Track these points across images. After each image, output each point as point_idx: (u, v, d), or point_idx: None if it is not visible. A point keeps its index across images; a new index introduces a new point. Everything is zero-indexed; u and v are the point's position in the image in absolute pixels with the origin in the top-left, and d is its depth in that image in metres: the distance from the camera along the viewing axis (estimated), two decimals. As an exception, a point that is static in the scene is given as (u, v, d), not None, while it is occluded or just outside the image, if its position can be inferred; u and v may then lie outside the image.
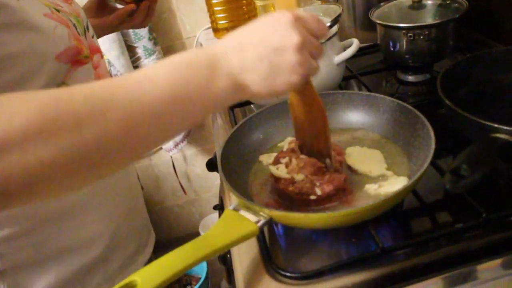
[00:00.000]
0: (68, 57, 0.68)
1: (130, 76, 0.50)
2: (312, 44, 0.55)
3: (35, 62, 0.64)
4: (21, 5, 0.63)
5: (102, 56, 0.83)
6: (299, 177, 0.68)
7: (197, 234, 2.06)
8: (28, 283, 0.74)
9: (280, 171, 0.71)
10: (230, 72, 0.52)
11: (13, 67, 0.62)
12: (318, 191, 0.67)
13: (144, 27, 1.09)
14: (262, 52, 0.52)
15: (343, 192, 0.69)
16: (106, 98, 0.46)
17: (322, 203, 0.67)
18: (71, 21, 0.72)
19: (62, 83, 0.68)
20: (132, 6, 1.01)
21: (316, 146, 0.71)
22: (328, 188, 0.67)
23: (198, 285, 1.82)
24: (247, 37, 0.54)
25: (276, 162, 0.74)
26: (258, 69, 0.52)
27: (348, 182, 0.70)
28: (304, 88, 0.65)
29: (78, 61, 0.71)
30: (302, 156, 0.71)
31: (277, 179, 0.71)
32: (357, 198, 0.68)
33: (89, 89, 0.46)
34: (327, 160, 0.70)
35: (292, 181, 0.69)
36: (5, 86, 0.62)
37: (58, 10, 0.71)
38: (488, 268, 0.58)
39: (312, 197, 0.67)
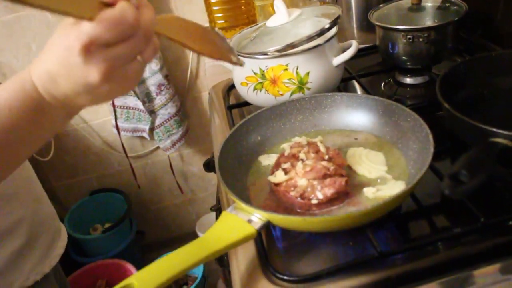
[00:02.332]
0: None
1: None
2: (122, 59, 0.47)
3: None
4: None
5: None
6: (302, 181, 0.68)
7: (194, 233, 2.07)
8: None
9: (278, 177, 0.70)
10: (55, 102, 0.51)
11: None
12: (320, 195, 0.67)
13: None
14: (73, 87, 0.48)
15: (344, 196, 0.68)
16: None
17: (323, 206, 0.67)
18: None
19: None
20: None
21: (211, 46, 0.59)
22: (330, 191, 0.66)
23: (194, 285, 1.82)
24: (55, 68, 0.48)
25: (277, 166, 0.73)
26: (78, 97, 0.49)
27: (349, 185, 0.70)
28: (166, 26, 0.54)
29: None
30: (308, 161, 0.71)
31: (277, 184, 0.71)
32: (356, 202, 0.68)
33: None
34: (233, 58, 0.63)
35: (293, 186, 0.69)
36: None
37: None
38: (485, 273, 0.58)
39: (314, 201, 0.67)
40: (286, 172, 0.71)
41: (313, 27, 0.91)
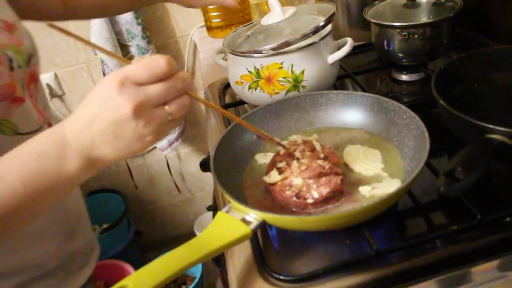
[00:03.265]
0: (2, 96, 0.65)
1: None
2: (152, 97, 0.51)
3: None
4: None
5: (36, 85, 0.78)
6: (297, 180, 0.68)
7: (191, 233, 2.06)
8: None
9: (273, 177, 0.70)
10: (82, 152, 0.53)
11: None
12: (315, 194, 0.66)
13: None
14: (103, 127, 0.51)
15: (340, 194, 0.68)
16: None
17: (319, 205, 0.67)
18: (6, 54, 0.68)
19: (3, 120, 0.66)
20: None
21: None
22: (325, 190, 0.66)
23: (193, 284, 1.82)
24: (89, 113, 0.52)
25: (272, 165, 0.73)
26: (105, 142, 0.52)
27: (345, 184, 0.70)
28: None
29: (16, 100, 0.68)
30: (303, 160, 0.70)
31: (272, 183, 0.70)
32: (352, 200, 0.68)
33: None
34: None
35: (289, 185, 0.68)
36: None
37: None
38: (483, 270, 0.58)
39: (310, 200, 0.66)
40: (281, 171, 0.71)
41: (308, 25, 0.91)
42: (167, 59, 0.51)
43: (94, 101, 0.52)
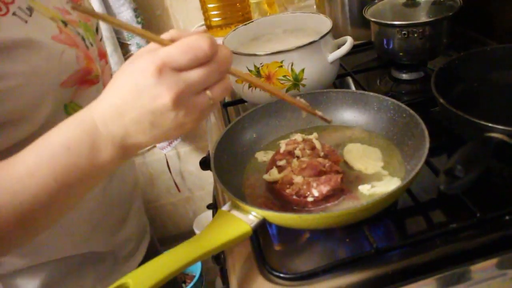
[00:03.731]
0: (74, 81, 0.65)
1: (13, 171, 0.51)
2: (193, 84, 0.47)
3: (39, 92, 0.61)
4: (28, 29, 0.60)
5: (107, 62, 0.79)
6: (298, 179, 0.68)
7: (191, 232, 2.06)
8: (23, 282, 0.75)
9: (272, 175, 0.70)
10: (114, 141, 0.50)
11: (15, 98, 0.59)
12: (315, 192, 0.66)
13: None
14: (139, 116, 0.48)
15: (340, 193, 0.68)
16: None
17: (319, 203, 0.67)
18: (79, 34, 0.67)
19: (71, 102, 0.66)
20: None
21: None
22: (325, 189, 0.66)
23: (192, 283, 1.82)
24: (121, 100, 0.48)
25: (272, 163, 0.73)
26: (141, 132, 0.49)
27: (345, 182, 0.70)
28: None
29: (87, 82, 0.68)
30: (304, 158, 0.70)
31: (272, 181, 0.70)
32: (352, 198, 0.68)
33: None
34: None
35: (289, 183, 0.68)
36: (8, 116, 0.60)
37: (65, 23, 0.66)
38: (482, 269, 0.58)
39: (310, 198, 0.66)
40: (281, 169, 0.71)
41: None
42: (210, 41, 0.47)
43: (128, 88, 0.48)
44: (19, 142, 0.61)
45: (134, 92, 0.47)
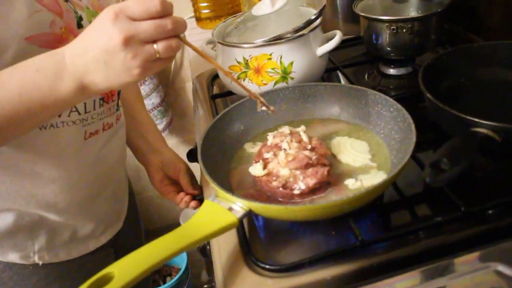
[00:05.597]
0: (41, 41, 0.69)
1: None
2: (142, 32, 0.54)
3: (1, 36, 0.66)
4: None
5: None
6: (284, 171, 0.68)
7: (177, 225, 2.05)
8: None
9: (257, 170, 0.70)
10: (75, 75, 0.57)
11: None
12: (302, 185, 0.66)
13: None
14: (96, 55, 0.55)
15: (327, 185, 0.68)
16: None
17: (306, 196, 0.67)
18: (76, 13, 0.74)
19: None
20: None
21: None
22: (312, 181, 0.66)
23: (178, 275, 1.82)
24: (87, 40, 0.57)
25: (259, 156, 0.73)
26: (98, 70, 0.56)
27: (331, 175, 0.70)
28: None
29: (54, 47, 0.71)
30: (290, 151, 0.70)
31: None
32: (338, 191, 0.68)
33: None
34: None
35: (275, 175, 0.68)
36: None
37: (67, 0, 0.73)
38: (465, 262, 0.59)
39: (296, 191, 0.67)
40: (267, 162, 0.71)
41: (298, 17, 0.91)
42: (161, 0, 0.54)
43: (92, 31, 0.56)
44: None
45: (95, 33, 0.56)
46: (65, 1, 0.73)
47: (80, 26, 0.75)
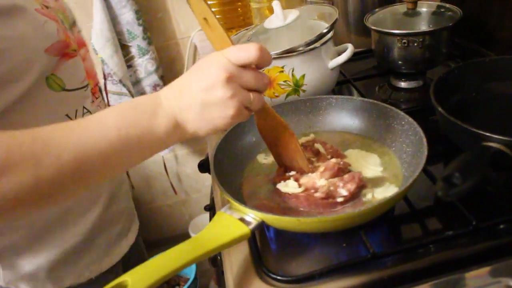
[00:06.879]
0: (56, 50, 0.71)
1: (84, 120, 0.58)
2: (244, 76, 0.57)
3: (26, 56, 0.66)
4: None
5: (87, 50, 0.87)
6: (321, 182, 0.69)
7: (186, 234, 2.06)
8: (20, 263, 0.78)
9: (290, 186, 0.71)
10: (170, 112, 0.58)
11: (3, 61, 0.63)
12: (344, 192, 0.67)
13: None
14: (194, 93, 0.57)
15: (361, 189, 0.70)
16: (61, 142, 0.53)
17: (346, 202, 0.68)
18: (59, 17, 0.75)
19: (52, 74, 0.71)
20: None
21: (296, 164, 0.73)
22: (352, 186, 0.68)
23: (186, 286, 1.82)
24: (185, 83, 0.59)
25: (281, 174, 0.74)
26: (193, 107, 0.57)
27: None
28: (263, 114, 0.70)
29: (67, 54, 0.73)
30: (317, 164, 0.71)
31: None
32: (350, 204, 0.68)
33: (48, 134, 0.54)
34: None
35: (313, 188, 0.69)
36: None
37: (47, 7, 0.73)
38: (476, 276, 0.59)
39: (339, 198, 0.67)
40: (296, 178, 0.71)
41: (310, 30, 0.92)
42: (258, 45, 0.57)
43: (194, 72, 0.58)
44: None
45: (197, 75, 0.58)
46: (47, 8, 0.73)
47: (65, 27, 0.77)
